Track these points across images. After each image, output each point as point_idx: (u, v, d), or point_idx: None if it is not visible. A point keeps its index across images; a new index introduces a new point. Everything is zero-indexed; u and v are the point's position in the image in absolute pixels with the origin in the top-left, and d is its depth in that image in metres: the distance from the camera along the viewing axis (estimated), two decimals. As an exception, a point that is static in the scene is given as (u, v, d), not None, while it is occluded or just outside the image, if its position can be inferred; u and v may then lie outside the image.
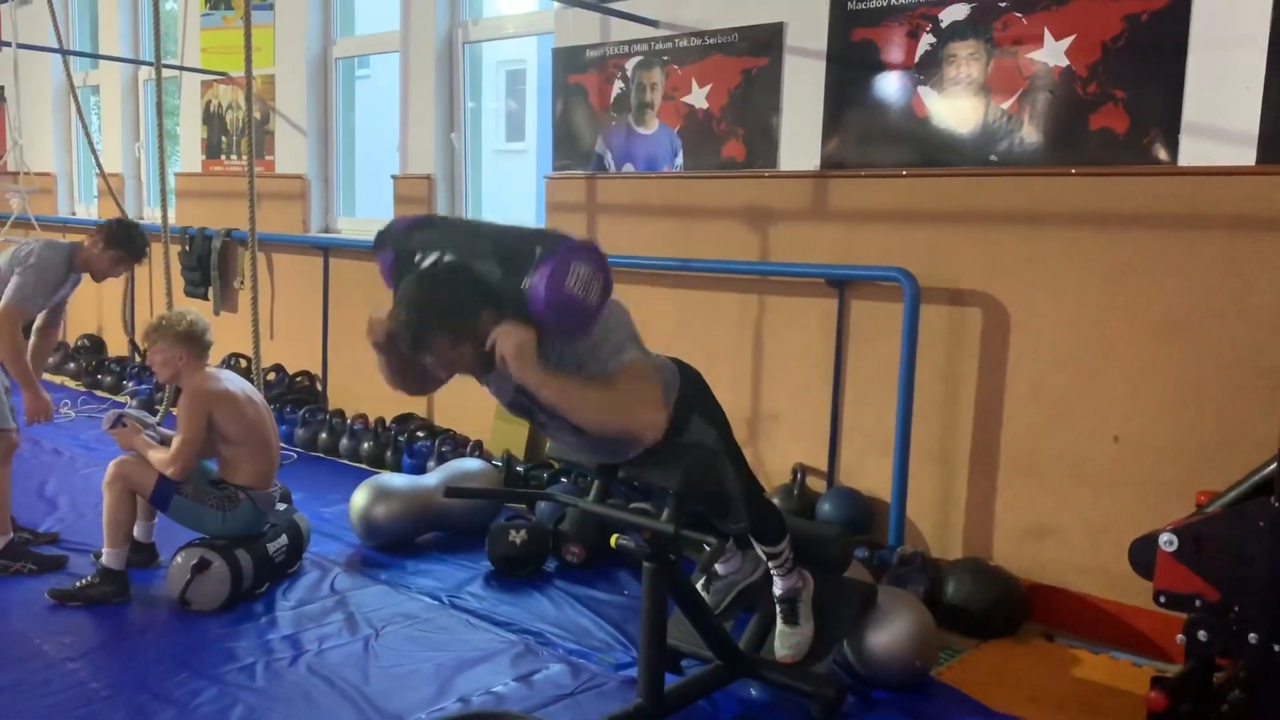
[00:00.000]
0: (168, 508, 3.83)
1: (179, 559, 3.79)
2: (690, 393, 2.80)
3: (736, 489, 2.84)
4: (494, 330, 2.41)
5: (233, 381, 4.00)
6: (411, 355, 2.52)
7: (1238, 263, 3.39)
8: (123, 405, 4.02)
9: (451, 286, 2.43)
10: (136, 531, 4.01)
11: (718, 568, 3.30)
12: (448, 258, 2.48)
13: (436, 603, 3.91)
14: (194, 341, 3.91)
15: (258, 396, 4.09)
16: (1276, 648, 2.59)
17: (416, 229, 2.65)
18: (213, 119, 7.35)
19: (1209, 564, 2.65)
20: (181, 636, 3.56)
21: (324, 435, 6.05)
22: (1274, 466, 2.80)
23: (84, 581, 3.81)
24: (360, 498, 4.49)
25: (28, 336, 4.37)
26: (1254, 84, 3.29)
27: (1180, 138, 3.45)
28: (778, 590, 3.14)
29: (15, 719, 2.98)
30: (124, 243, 4.40)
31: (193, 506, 3.82)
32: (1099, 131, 3.62)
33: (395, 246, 2.63)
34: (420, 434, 5.67)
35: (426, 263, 2.51)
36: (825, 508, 4.24)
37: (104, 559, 3.82)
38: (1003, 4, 3.79)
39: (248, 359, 6.00)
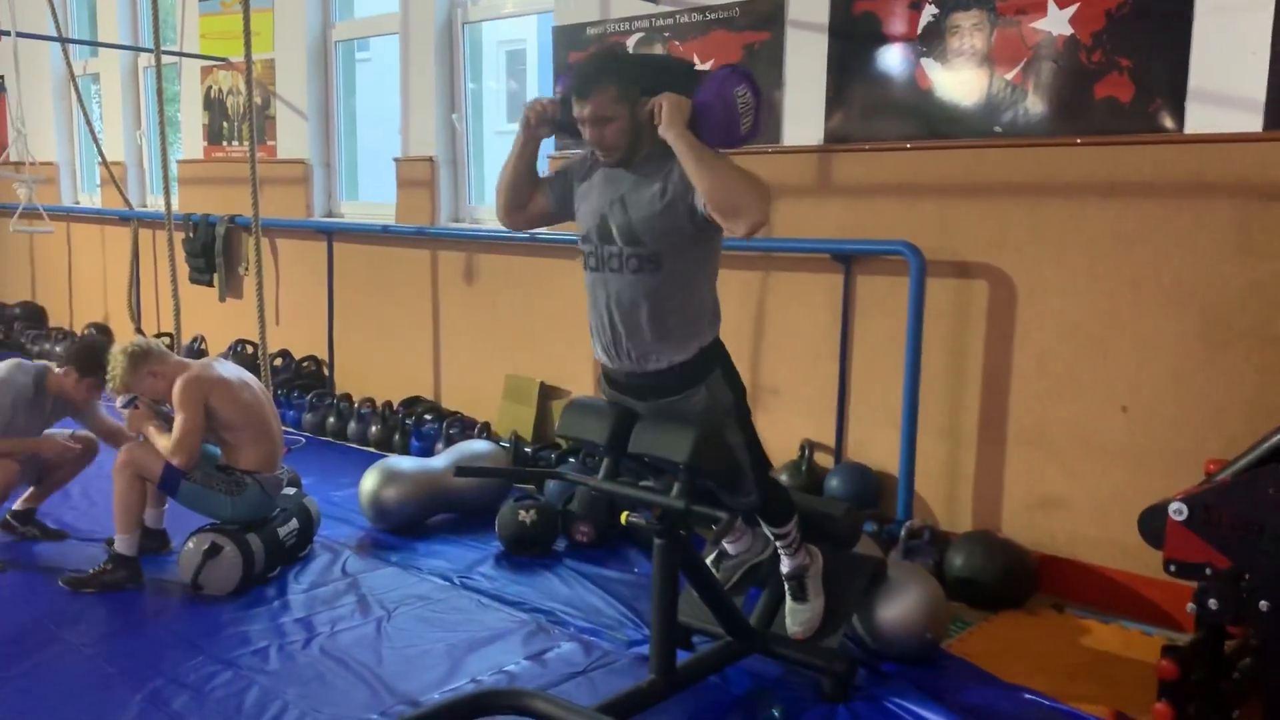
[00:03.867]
0: (177, 493, 3.84)
1: (190, 544, 3.81)
2: (720, 350, 2.86)
3: (745, 459, 2.85)
4: (663, 98, 2.63)
5: (225, 368, 4.01)
6: (564, 117, 2.79)
7: (1245, 230, 3.37)
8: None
9: (636, 58, 2.90)
10: (147, 518, 4.03)
11: (728, 547, 3.31)
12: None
13: (447, 583, 3.92)
14: (144, 355, 3.87)
15: (253, 381, 4.10)
16: (1287, 614, 2.59)
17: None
18: (213, 105, 7.33)
19: (1219, 532, 2.64)
20: (195, 621, 3.58)
21: (332, 419, 6.07)
22: (1283, 434, 2.80)
23: (97, 568, 3.83)
24: (370, 481, 4.50)
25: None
26: (1260, 49, 3.27)
27: (1186, 105, 3.43)
28: (784, 569, 3.14)
29: (33, 704, 3.01)
30: (97, 367, 4.07)
31: (201, 491, 3.83)
32: (1104, 100, 3.60)
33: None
34: (428, 417, 5.68)
35: None
36: (833, 483, 4.25)
37: (116, 545, 3.84)
38: (1006, -27, 3.76)
39: (254, 345, 6.01)
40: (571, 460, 4.79)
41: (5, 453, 4.03)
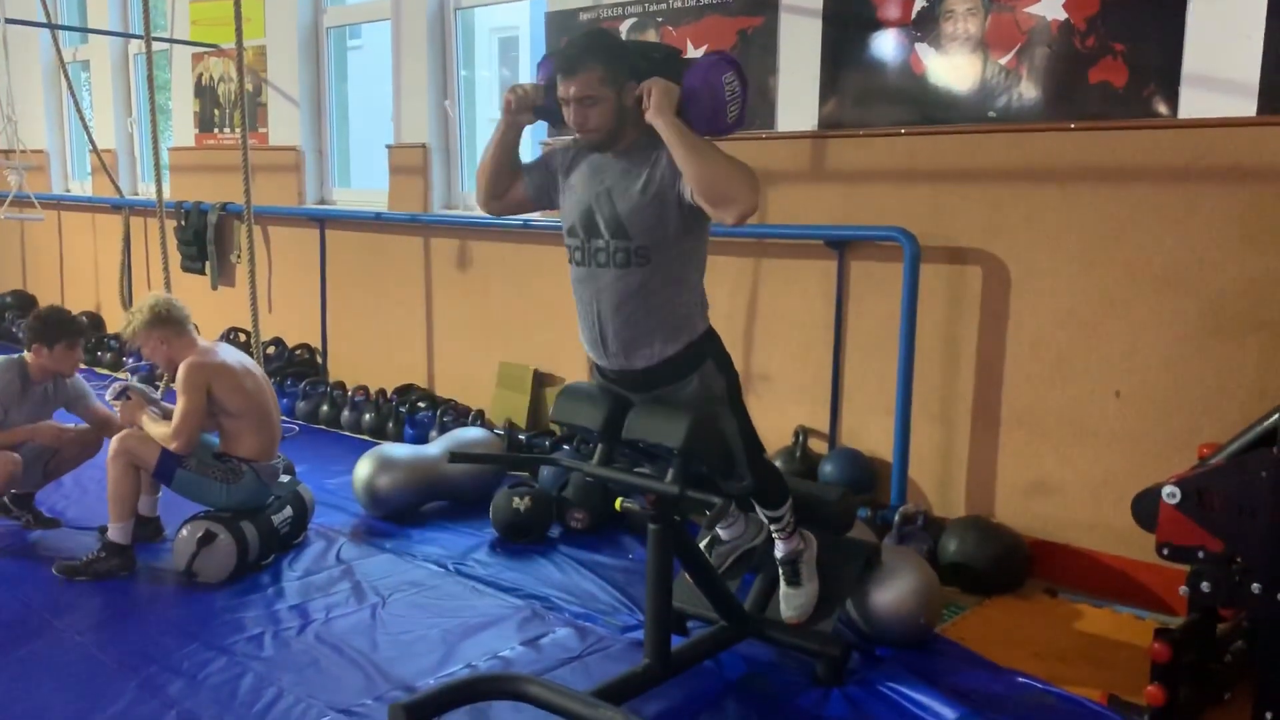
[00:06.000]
0: (172, 481, 3.84)
1: (184, 532, 3.80)
2: (712, 340, 2.84)
3: (739, 445, 2.84)
4: (649, 85, 2.61)
5: (229, 354, 4.00)
6: (548, 101, 2.75)
7: (1238, 215, 3.37)
8: (124, 380, 4.04)
9: (623, 41, 2.81)
10: (141, 506, 4.02)
11: (720, 532, 3.31)
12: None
13: (442, 570, 3.92)
14: (165, 321, 3.89)
15: (256, 368, 4.09)
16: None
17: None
18: (204, 92, 7.29)
19: (1212, 515, 2.66)
20: (189, 608, 3.58)
21: (325, 408, 6.06)
22: (1276, 417, 2.81)
23: (90, 556, 3.83)
24: (364, 468, 4.49)
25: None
26: (1254, 33, 3.26)
27: (1180, 90, 3.42)
28: (779, 553, 3.15)
29: (28, 692, 3.00)
30: (58, 332, 4.11)
31: (197, 479, 3.83)
32: (1098, 85, 3.59)
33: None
34: (421, 405, 5.67)
35: None
36: (828, 469, 4.25)
37: (110, 533, 3.83)
38: (1000, -43, 3.75)
39: (247, 333, 6.00)
40: (566, 447, 4.79)
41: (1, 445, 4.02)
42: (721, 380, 2.83)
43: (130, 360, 7.24)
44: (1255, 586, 2.61)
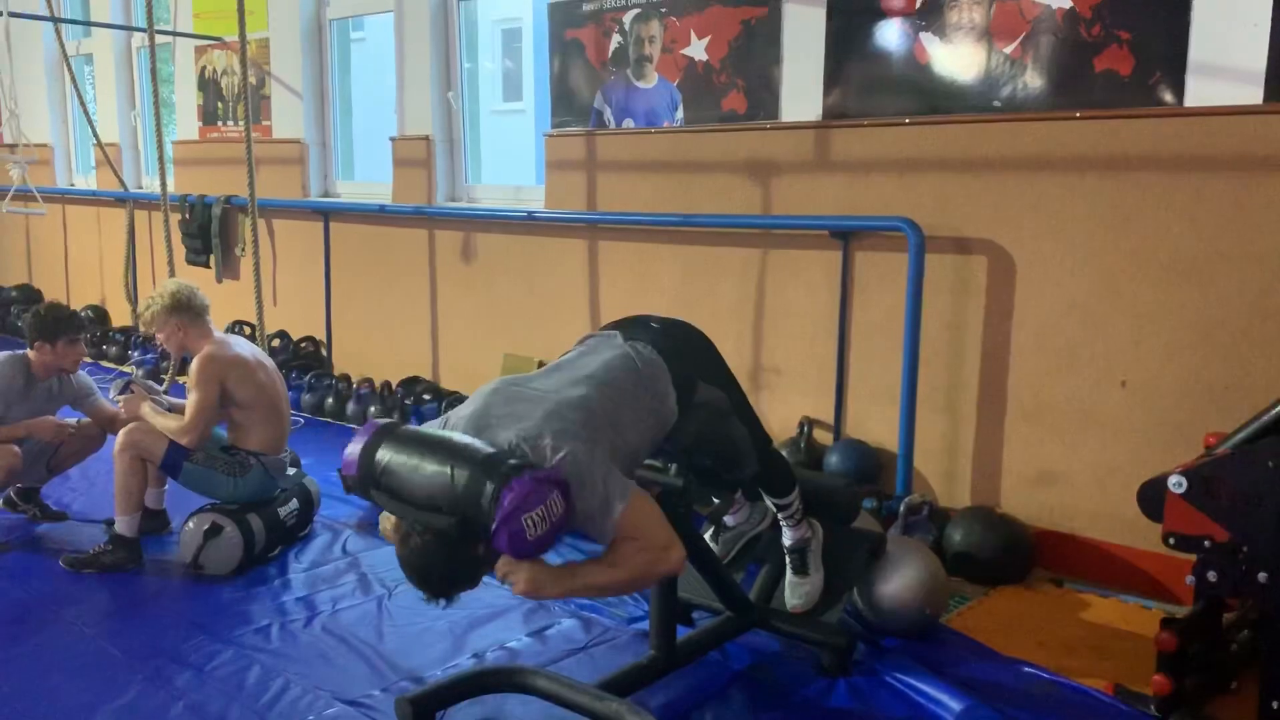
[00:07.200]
0: (179, 474, 3.84)
1: (190, 525, 3.81)
2: (689, 362, 2.79)
3: (746, 444, 2.85)
4: (497, 568, 2.45)
5: (243, 347, 4.01)
6: None
7: (1245, 204, 3.36)
8: (128, 375, 4.05)
9: (439, 557, 2.46)
10: (148, 498, 4.03)
11: (726, 519, 3.32)
12: (418, 527, 2.47)
13: (448, 562, 3.93)
14: (184, 309, 3.91)
15: (268, 361, 4.11)
16: (1286, 586, 2.60)
17: (367, 455, 2.57)
18: (208, 85, 7.29)
19: (1218, 505, 2.65)
20: (196, 601, 3.59)
21: (330, 400, 6.07)
22: (1283, 406, 2.80)
23: (97, 549, 3.84)
24: (369, 460, 4.49)
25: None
26: (1261, 20, 3.24)
27: (1186, 78, 3.41)
28: (787, 541, 3.15)
29: (37, 684, 3.02)
30: (58, 328, 4.10)
31: (204, 472, 3.84)
32: (1103, 74, 3.58)
33: (362, 495, 2.65)
34: (427, 397, 5.68)
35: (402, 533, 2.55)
36: (833, 460, 4.25)
37: (116, 526, 3.84)
38: (1004, -54, 3.73)
39: (252, 326, 6.01)
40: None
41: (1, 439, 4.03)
42: (718, 391, 2.81)
43: (135, 354, 7.25)
44: (1262, 576, 2.61)
